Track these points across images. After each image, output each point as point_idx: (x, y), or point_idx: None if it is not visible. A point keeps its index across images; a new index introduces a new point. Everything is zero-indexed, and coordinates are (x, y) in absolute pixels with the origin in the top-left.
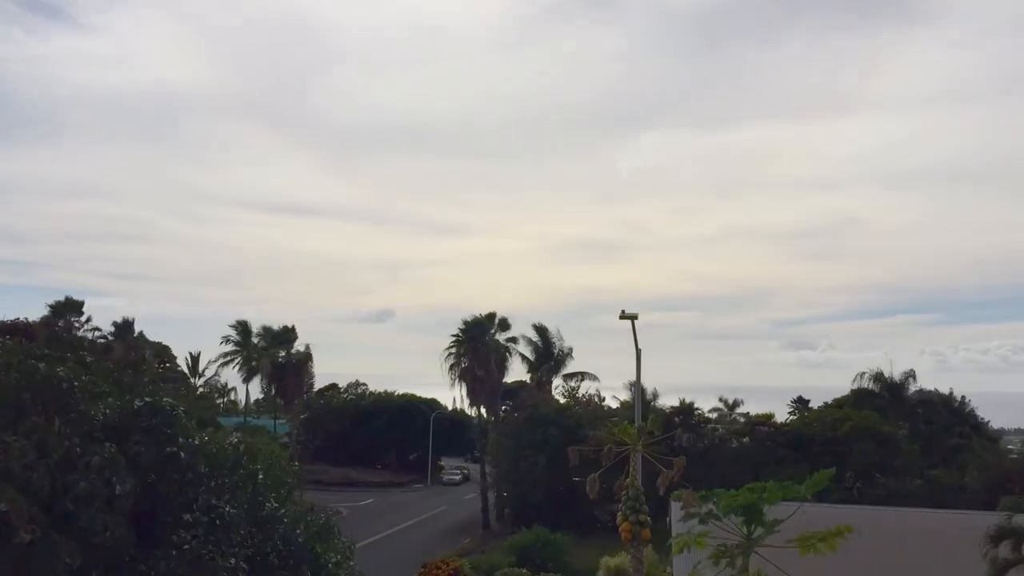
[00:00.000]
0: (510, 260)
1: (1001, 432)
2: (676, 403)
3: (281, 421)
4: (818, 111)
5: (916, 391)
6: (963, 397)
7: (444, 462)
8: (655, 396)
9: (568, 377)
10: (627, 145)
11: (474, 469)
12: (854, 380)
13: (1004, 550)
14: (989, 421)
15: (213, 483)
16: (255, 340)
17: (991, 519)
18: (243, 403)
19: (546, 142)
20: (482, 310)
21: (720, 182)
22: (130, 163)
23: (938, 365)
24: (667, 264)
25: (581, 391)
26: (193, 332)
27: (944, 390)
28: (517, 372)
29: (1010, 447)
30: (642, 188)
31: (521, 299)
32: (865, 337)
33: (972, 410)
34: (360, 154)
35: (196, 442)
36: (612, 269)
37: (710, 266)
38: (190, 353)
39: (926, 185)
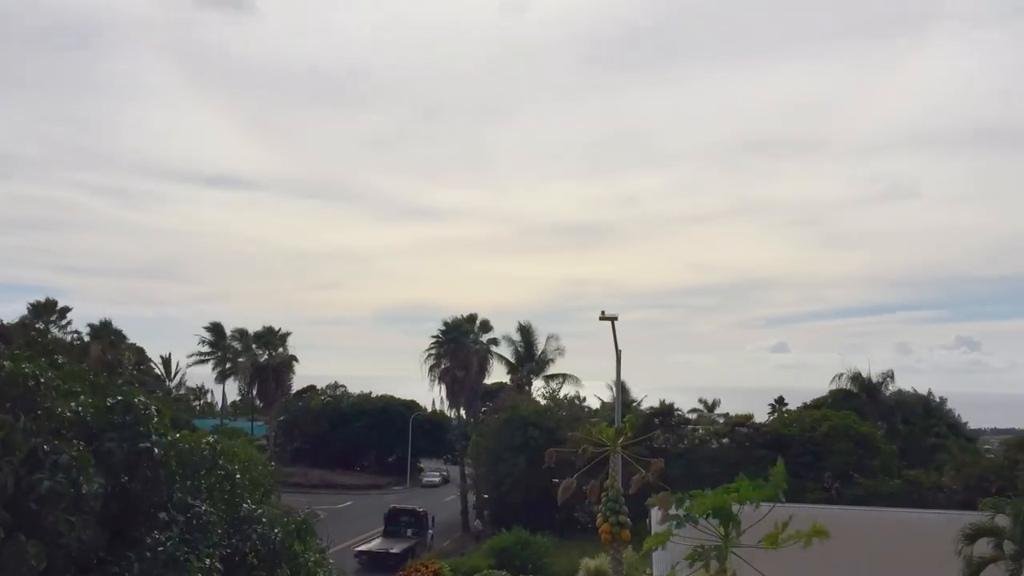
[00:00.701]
0: (485, 249)
1: (978, 432)
2: (656, 404)
3: (259, 423)
4: None
5: (894, 391)
6: (941, 398)
7: (424, 464)
8: (637, 397)
9: (549, 378)
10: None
11: (454, 471)
12: (832, 381)
13: (980, 548)
14: (967, 421)
15: (189, 483)
16: (230, 341)
17: (968, 519)
18: (220, 406)
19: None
20: (459, 309)
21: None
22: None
23: (916, 364)
24: (656, 251)
25: (562, 392)
26: (151, 332)
27: (922, 390)
28: (497, 373)
29: (987, 447)
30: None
31: (498, 295)
32: (846, 337)
33: (949, 410)
34: (290, 109)
35: (168, 440)
36: (598, 255)
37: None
38: (161, 356)
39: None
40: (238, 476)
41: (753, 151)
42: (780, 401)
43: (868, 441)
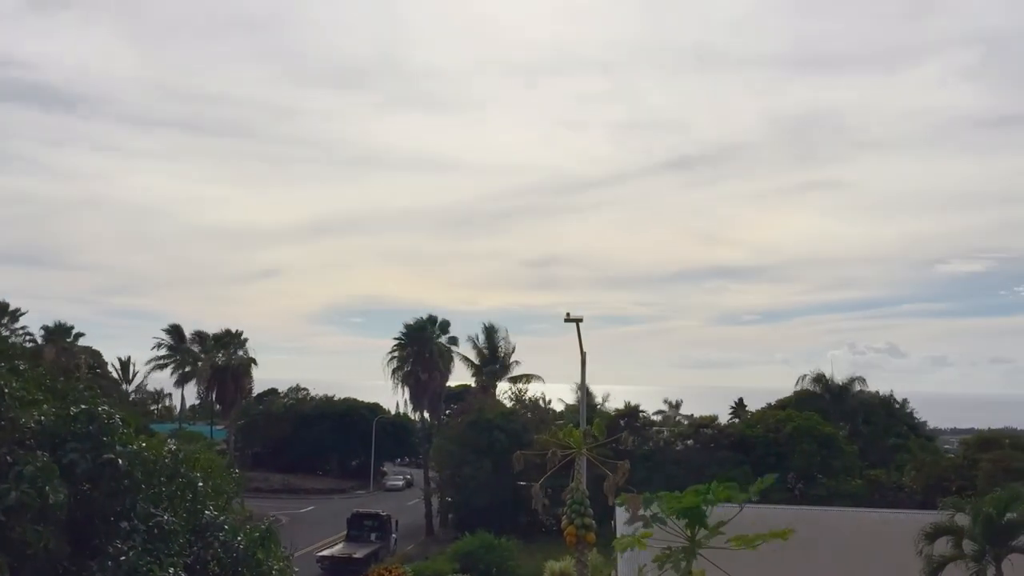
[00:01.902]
0: (440, 230)
1: (937, 432)
2: (621, 405)
3: (218, 427)
4: None
5: (856, 392)
6: (903, 400)
7: (387, 467)
8: (603, 399)
9: (514, 380)
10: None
11: (417, 474)
12: (797, 382)
13: (940, 547)
14: (926, 422)
15: (151, 491)
16: (189, 344)
17: (928, 518)
18: (178, 409)
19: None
20: (419, 309)
21: None
22: None
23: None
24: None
25: (527, 394)
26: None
27: (884, 391)
28: (462, 375)
29: (946, 447)
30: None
31: (454, 295)
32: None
33: (910, 411)
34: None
35: (134, 449)
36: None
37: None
38: (119, 358)
39: None
40: (200, 484)
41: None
42: (739, 403)
43: (831, 442)
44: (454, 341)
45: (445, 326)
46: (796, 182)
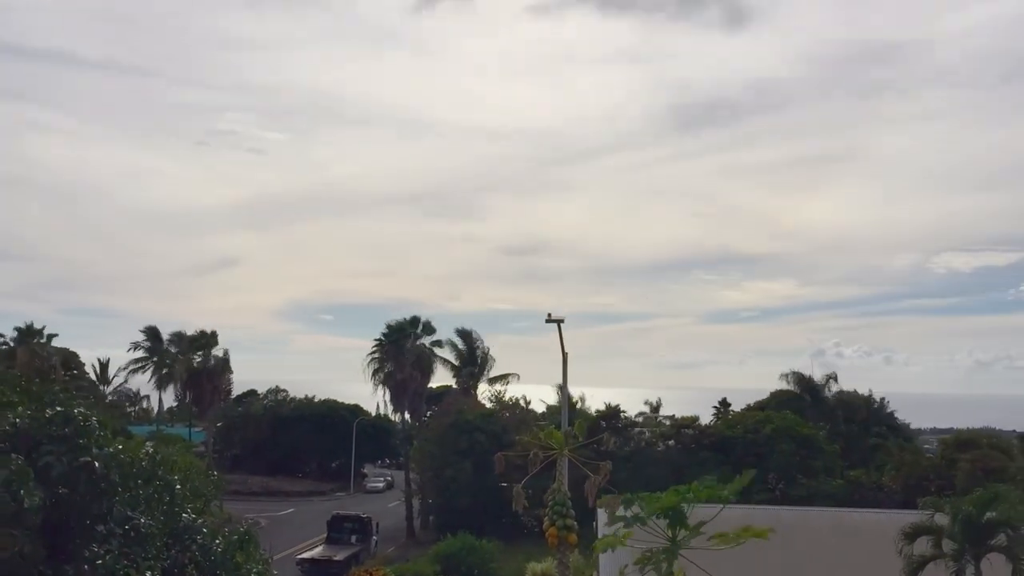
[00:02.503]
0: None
1: (917, 432)
2: (602, 406)
3: (196, 429)
4: None
5: (836, 392)
6: (882, 398)
7: (368, 469)
8: (580, 399)
9: (494, 380)
10: None
11: (398, 476)
12: (777, 381)
13: (920, 547)
14: (909, 422)
15: (128, 494)
16: (167, 346)
17: (907, 518)
18: (156, 411)
19: None
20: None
21: None
22: None
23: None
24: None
25: (508, 395)
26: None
27: (863, 390)
28: (442, 376)
29: (926, 446)
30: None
31: (429, 289)
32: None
33: (890, 411)
34: None
35: (111, 451)
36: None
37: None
38: (99, 359)
39: None
40: (178, 487)
41: None
42: (724, 403)
43: (811, 442)
44: (437, 343)
45: (428, 327)
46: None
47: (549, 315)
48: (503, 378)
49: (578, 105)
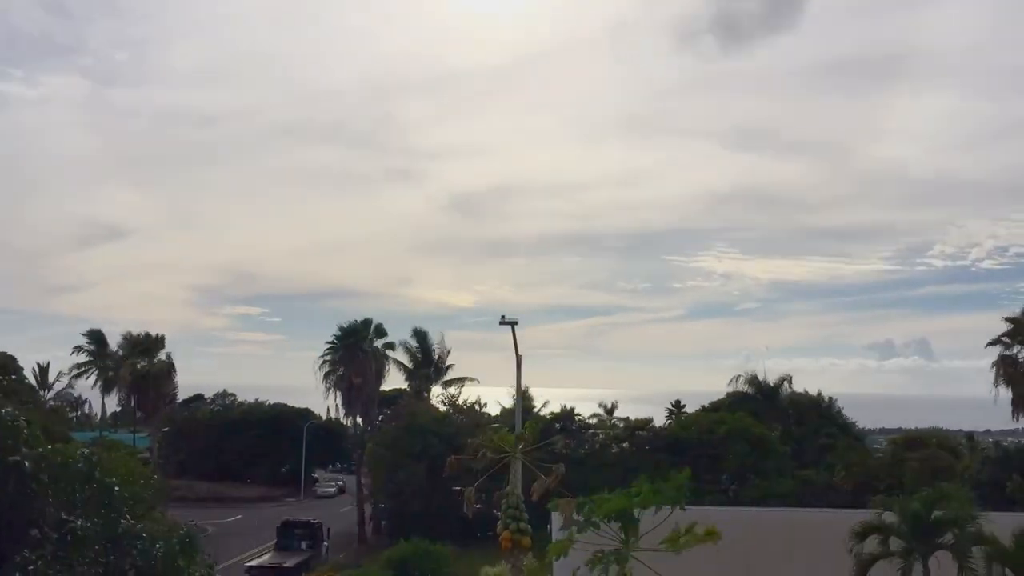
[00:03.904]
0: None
1: (866, 432)
2: (557, 409)
3: (141, 435)
4: None
5: (788, 393)
6: (831, 399)
7: (318, 474)
8: (538, 402)
9: (449, 383)
10: None
11: (350, 480)
12: (729, 383)
13: (869, 545)
14: (856, 422)
15: (63, 497)
16: (111, 350)
17: (857, 517)
18: (99, 417)
19: None
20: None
21: None
22: None
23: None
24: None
25: (462, 398)
26: None
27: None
28: (396, 379)
29: (875, 446)
30: None
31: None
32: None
33: (839, 411)
34: None
35: (40, 452)
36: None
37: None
38: (38, 364)
39: None
40: (117, 489)
41: None
42: (677, 404)
43: (764, 443)
44: (390, 346)
45: (380, 330)
46: None
47: (503, 317)
48: (459, 381)
49: None
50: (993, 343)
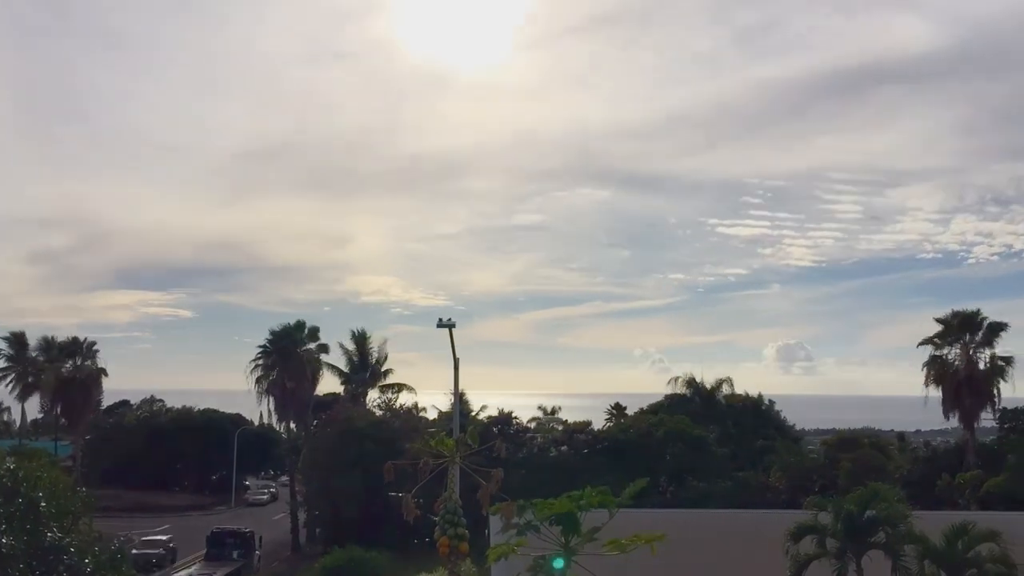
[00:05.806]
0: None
1: (802, 433)
2: (495, 412)
3: (63, 443)
4: None
5: (726, 395)
6: (770, 401)
7: (250, 481)
8: (476, 407)
9: (386, 388)
10: None
11: (283, 487)
12: (668, 384)
13: (805, 546)
14: (793, 423)
15: None
16: (32, 353)
17: (793, 517)
18: (18, 424)
19: None
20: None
21: None
22: None
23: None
24: None
25: (399, 402)
26: None
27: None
28: (331, 383)
29: (811, 447)
30: None
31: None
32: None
33: (777, 412)
34: None
35: None
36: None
37: None
38: None
39: None
40: (43, 504)
41: None
42: (618, 407)
43: (701, 444)
44: (324, 348)
45: (314, 333)
46: None
47: (440, 319)
48: (395, 387)
49: None
50: (924, 343)
